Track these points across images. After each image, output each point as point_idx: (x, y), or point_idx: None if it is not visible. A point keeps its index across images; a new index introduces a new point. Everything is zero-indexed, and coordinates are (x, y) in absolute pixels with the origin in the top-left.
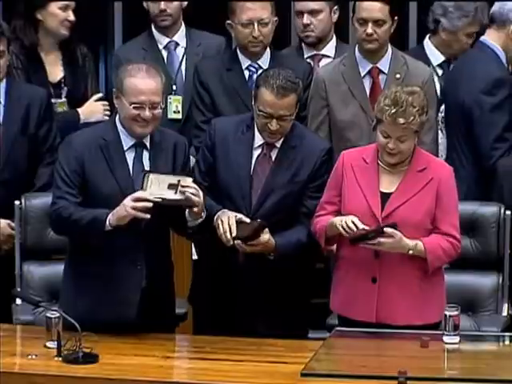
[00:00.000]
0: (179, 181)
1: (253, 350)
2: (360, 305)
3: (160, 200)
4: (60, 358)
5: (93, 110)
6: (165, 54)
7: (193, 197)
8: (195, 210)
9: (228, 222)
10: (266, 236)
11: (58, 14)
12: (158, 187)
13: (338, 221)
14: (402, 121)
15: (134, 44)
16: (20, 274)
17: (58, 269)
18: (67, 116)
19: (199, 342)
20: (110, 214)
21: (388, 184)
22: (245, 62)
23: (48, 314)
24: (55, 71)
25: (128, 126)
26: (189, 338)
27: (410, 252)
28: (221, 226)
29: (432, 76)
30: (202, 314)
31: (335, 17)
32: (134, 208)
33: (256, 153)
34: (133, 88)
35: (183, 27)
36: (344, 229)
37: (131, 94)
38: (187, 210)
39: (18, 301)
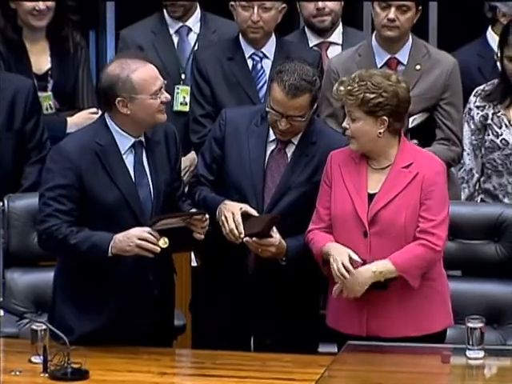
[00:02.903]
0: (192, 216)
1: (257, 365)
2: (349, 317)
3: (166, 246)
4: (46, 375)
5: (85, 123)
6: (175, 39)
7: (197, 235)
8: (197, 236)
9: (233, 218)
10: (277, 236)
11: (24, 4)
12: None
13: (331, 259)
14: (341, 89)
15: (142, 26)
16: (3, 283)
17: (44, 276)
18: (53, 122)
19: (199, 357)
20: (112, 241)
21: (375, 184)
22: (248, 50)
23: (33, 326)
24: (41, 61)
25: (152, 121)
26: (187, 352)
27: (376, 272)
28: (226, 224)
29: (456, 67)
30: (203, 325)
31: (342, 2)
32: (139, 246)
33: (270, 147)
34: (147, 78)
35: (198, 11)
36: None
37: (148, 84)
38: None
39: (1, 312)
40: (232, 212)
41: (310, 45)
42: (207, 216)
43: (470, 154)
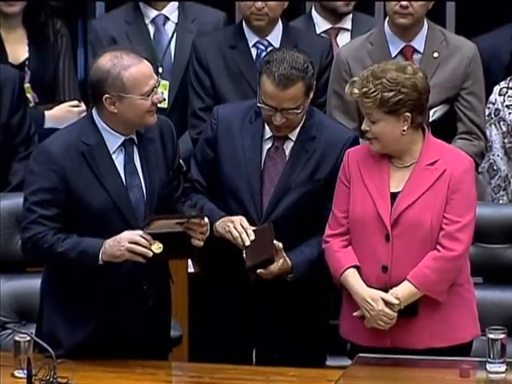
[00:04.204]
0: (189, 219)
1: (260, 380)
2: (368, 328)
3: (159, 251)
4: None
5: (64, 117)
6: (151, 29)
7: (196, 241)
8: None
9: (240, 222)
10: (279, 262)
11: None
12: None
13: (363, 304)
14: (355, 91)
15: (114, 16)
16: None
17: (29, 283)
18: (30, 116)
19: (196, 371)
20: (102, 248)
21: (398, 183)
22: (252, 38)
23: (17, 338)
24: (18, 51)
25: (140, 122)
26: (184, 365)
27: (395, 301)
28: (233, 230)
29: (477, 54)
30: (201, 337)
31: None
32: (131, 250)
33: (267, 145)
34: (140, 77)
35: None
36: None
37: (140, 83)
38: None
39: None
40: (240, 218)
41: (318, 31)
42: (206, 220)
43: (503, 158)
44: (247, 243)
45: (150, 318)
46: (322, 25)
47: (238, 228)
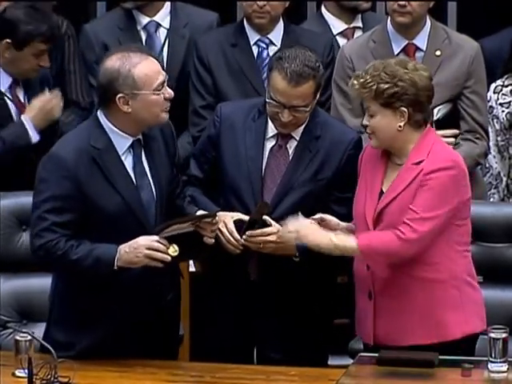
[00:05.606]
0: (201, 219)
1: (261, 379)
2: (361, 324)
3: (176, 254)
4: None
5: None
6: (143, 35)
7: (208, 239)
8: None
9: (226, 228)
10: (276, 225)
11: None
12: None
13: None
14: (355, 82)
15: (107, 21)
16: None
17: (29, 283)
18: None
19: (197, 370)
20: (118, 253)
21: (389, 182)
22: (253, 37)
23: (17, 337)
24: None
25: (154, 120)
26: (185, 365)
27: (333, 241)
28: (221, 236)
29: (480, 52)
30: (202, 336)
31: None
32: (149, 256)
33: (269, 144)
34: (149, 73)
35: (167, 4)
36: None
37: (151, 78)
38: None
39: None
40: (224, 221)
41: (335, 32)
42: (217, 218)
43: (496, 156)
44: (238, 250)
45: (163, 316)
46: (337, 25)
47: (226, 236)
